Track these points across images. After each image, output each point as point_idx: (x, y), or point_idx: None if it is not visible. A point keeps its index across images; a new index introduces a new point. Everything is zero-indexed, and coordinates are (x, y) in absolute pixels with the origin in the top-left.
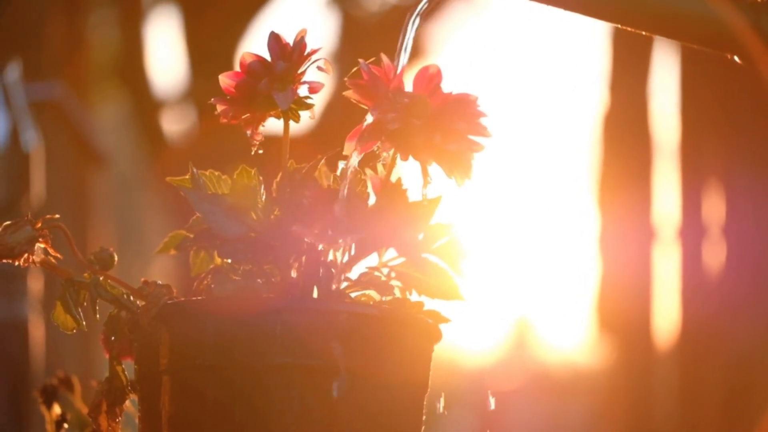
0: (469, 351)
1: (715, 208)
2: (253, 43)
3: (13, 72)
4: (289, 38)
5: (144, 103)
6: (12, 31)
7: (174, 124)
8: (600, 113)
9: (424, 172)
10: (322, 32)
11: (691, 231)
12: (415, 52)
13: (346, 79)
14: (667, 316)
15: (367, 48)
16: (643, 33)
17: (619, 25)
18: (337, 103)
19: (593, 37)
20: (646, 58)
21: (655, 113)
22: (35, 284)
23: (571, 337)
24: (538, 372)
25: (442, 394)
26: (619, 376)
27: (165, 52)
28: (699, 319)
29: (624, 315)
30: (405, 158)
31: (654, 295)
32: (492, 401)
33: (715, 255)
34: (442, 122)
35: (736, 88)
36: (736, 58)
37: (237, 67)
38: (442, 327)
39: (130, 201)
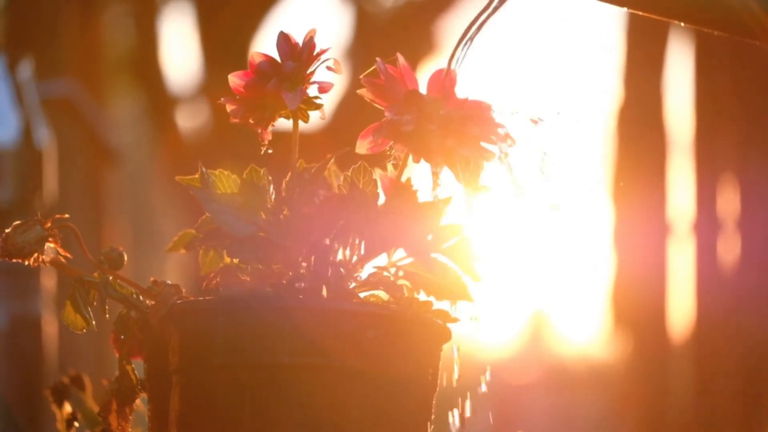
0: (485, 345)
1: (730, 201)
2: (268, 39)
3: (26, 69)
4: (300, 37)
5: (158, 100)
6: (25, 28)
7: (188, 121)
8: (614, 107)
9: (435, 175)
10: (335, 28)
11: (706, 225)
12: (429, 48)
13: (361, 77)
14: (682, 309)
15: (381, 44)
16: (662, 18)
17: (634, 10)
18: (349, 101)
19: (607, 31)
20: (661, 52)
21: (670, 107)
22: (48, 282)
23: (586, 331)
24: (553, 365)
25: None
26: (635, 370)
27: (179, 49)
28: (714, 313)
29: (639, 309)
30: (417, 160)
31: (669, 289)
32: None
33: (730, 249)
34: (456, 126)
35: (750, 81)
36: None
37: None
38: (452, 326)
39: (144, 198)
